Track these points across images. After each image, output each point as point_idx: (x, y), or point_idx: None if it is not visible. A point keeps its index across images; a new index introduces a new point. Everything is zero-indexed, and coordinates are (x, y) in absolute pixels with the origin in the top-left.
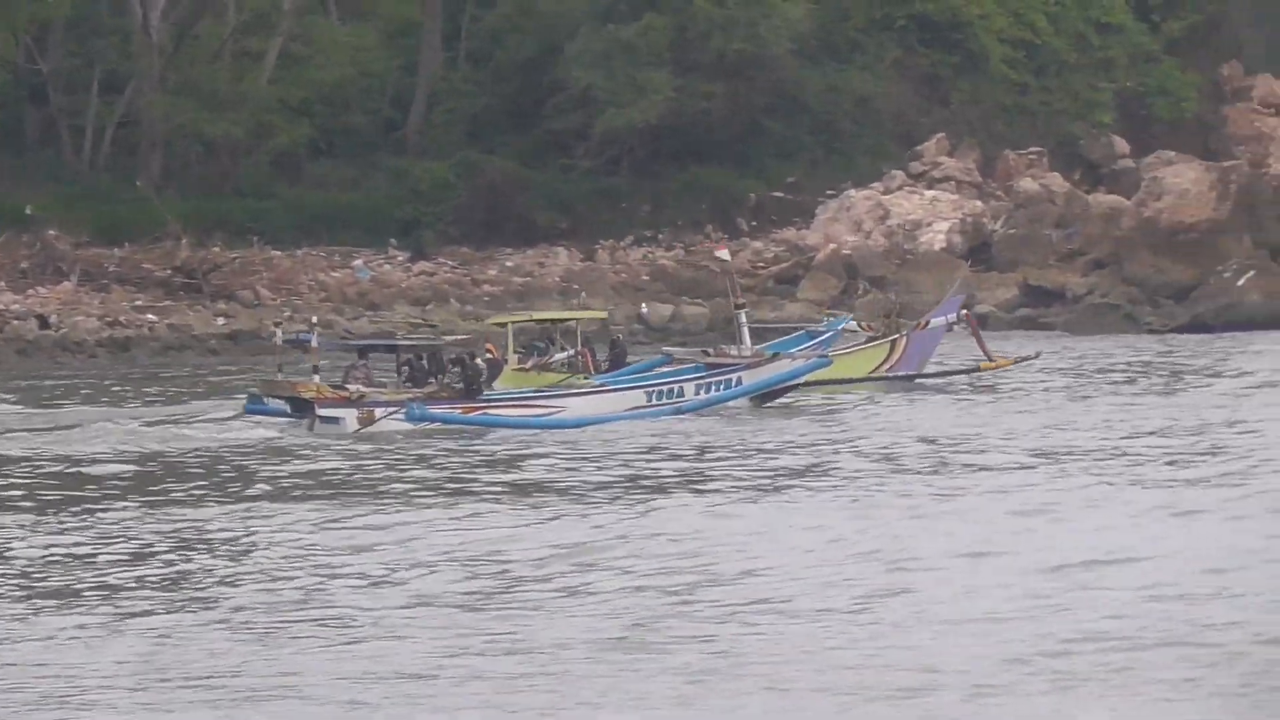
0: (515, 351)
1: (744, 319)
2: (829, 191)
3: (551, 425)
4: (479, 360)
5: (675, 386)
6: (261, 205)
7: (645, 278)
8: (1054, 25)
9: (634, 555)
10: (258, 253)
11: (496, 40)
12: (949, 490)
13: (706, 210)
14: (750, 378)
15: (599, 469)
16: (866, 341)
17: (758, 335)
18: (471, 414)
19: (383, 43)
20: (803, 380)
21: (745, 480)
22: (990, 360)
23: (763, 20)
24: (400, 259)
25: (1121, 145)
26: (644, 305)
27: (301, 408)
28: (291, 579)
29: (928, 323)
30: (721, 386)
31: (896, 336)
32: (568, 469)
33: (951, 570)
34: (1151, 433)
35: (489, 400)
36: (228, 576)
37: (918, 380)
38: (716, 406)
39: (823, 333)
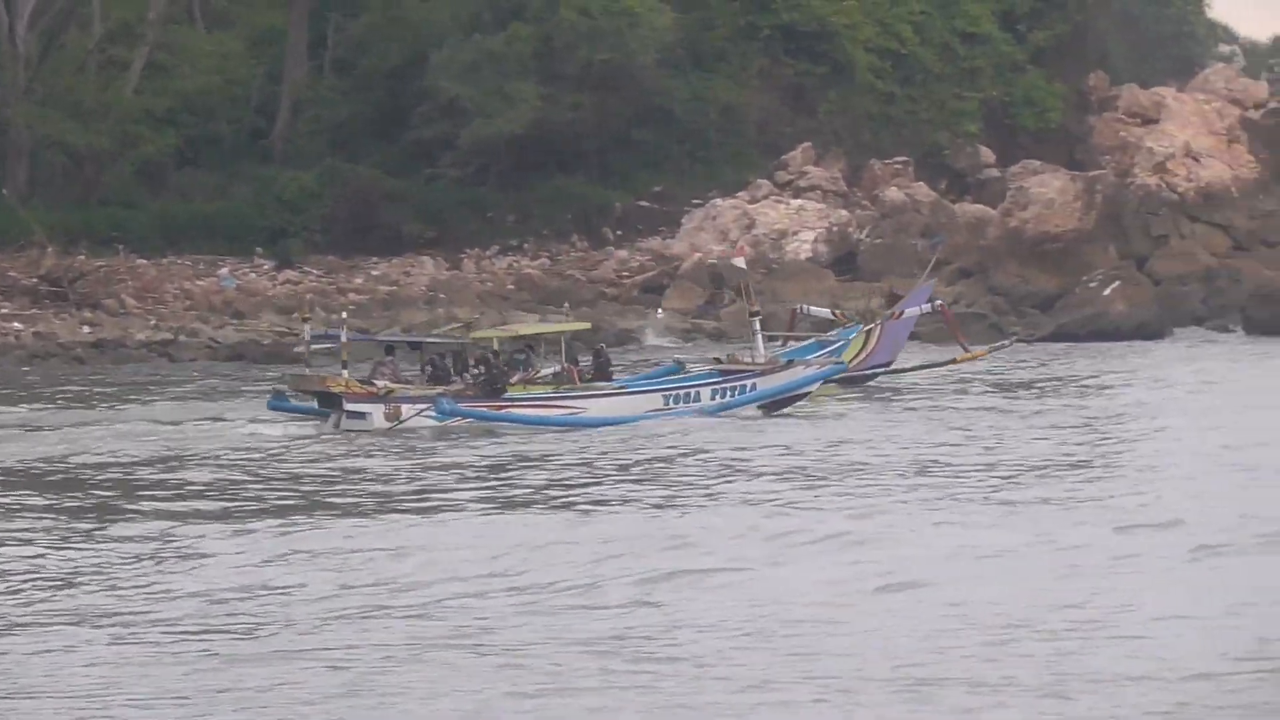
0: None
1: (759, 326)
2: (695, 201)
3: (577, 424)
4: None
5: (692, 391)
6: (127, 214)
7: (511, 287)
8: (920, 35)
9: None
10: (123, 261)
11: (362, 49)
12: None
13: (572, 220)
14: (765, 384)
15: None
16: (846, 330)
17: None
18: (500, 411)
19: (248, 51)
20: (816, 386)
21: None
22: (966, 351)
23: (628, 30)
24: (266, 268)
25: (987, 155)
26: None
27: (329, 402)
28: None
29: (902, 313)
30: (737, 392)
31: (872, 326)
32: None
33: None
34: (990, 447)
35: (512, 400)
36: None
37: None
38: (734, 410)
39: (834, 341)
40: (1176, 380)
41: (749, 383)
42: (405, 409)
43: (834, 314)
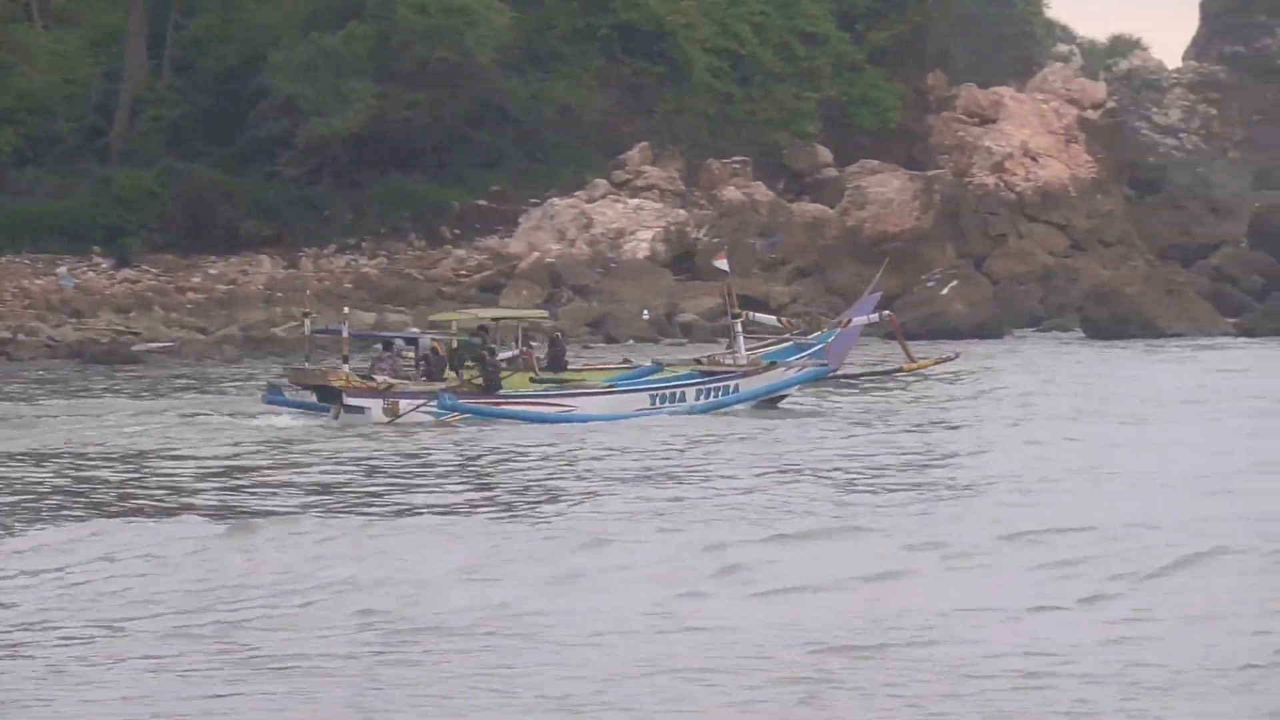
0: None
1: (739, 328)
2: (533, 200)
3: (570, 421)
4: (500, 355)
5: (678, 391)
6: None
7: (349, 285)
8: (759, 35)
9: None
10: None
11: (200, 48)
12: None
13: (410, 219)
14: (748, 385)
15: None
16: (792, 336)
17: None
18: (498, 408)
19: (87, 50)
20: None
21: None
22: (912, 361)
23: (466, 29)
24: (104, 267)
25: (825, 154)
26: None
27: (328, 396)
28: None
29: (849, 321)
30: (721, 393)
31: (819, 331)
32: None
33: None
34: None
35: (505, 398)
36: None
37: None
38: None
39: (812, 344)
40: (1017, 384)
41: (732, 384)
42: (403, 404)
43: (780, 321)
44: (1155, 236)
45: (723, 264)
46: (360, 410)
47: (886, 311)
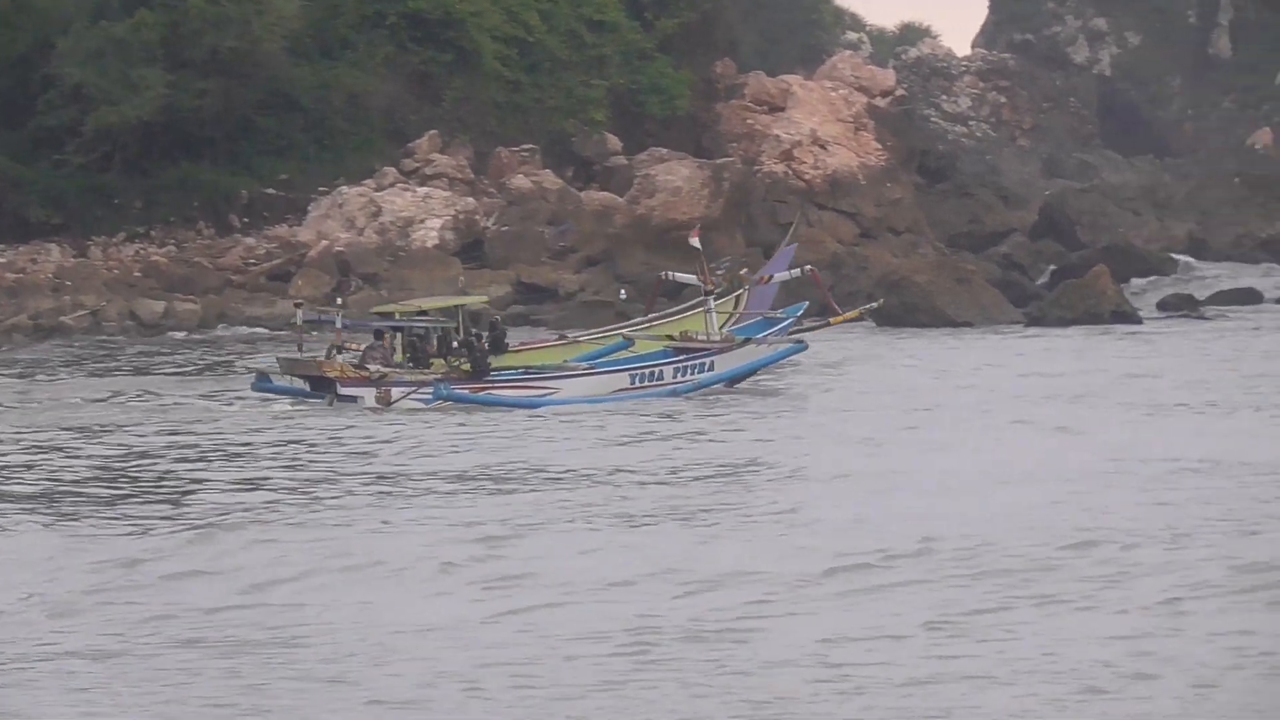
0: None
1: (713, 304)
2: (321, 189)
3: (564, 404)
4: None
5: (656, 370)
6: None
7: (138, 274)
8: (547, 23)
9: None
10: None
11: None
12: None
13: (199, 207)
14: (726, 362)
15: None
16: (713, 294)
17: None
18: (492, 395)
19: None
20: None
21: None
22: (838, 314)
23: (256, 17)
24: None
25: (614, 142)
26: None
27: (321, 386)
28: None
29: (770, 277)
30: (697, 370)
31: (739, 291)
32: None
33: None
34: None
35: (493, 381)
36: None
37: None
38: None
39: (781, 319)
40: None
41: (707, 361)
42: (395, 392)
43: (699, 278)
44: (945, 224)
45: (696, 241)
46: (353, 399)
47: (808, 266)
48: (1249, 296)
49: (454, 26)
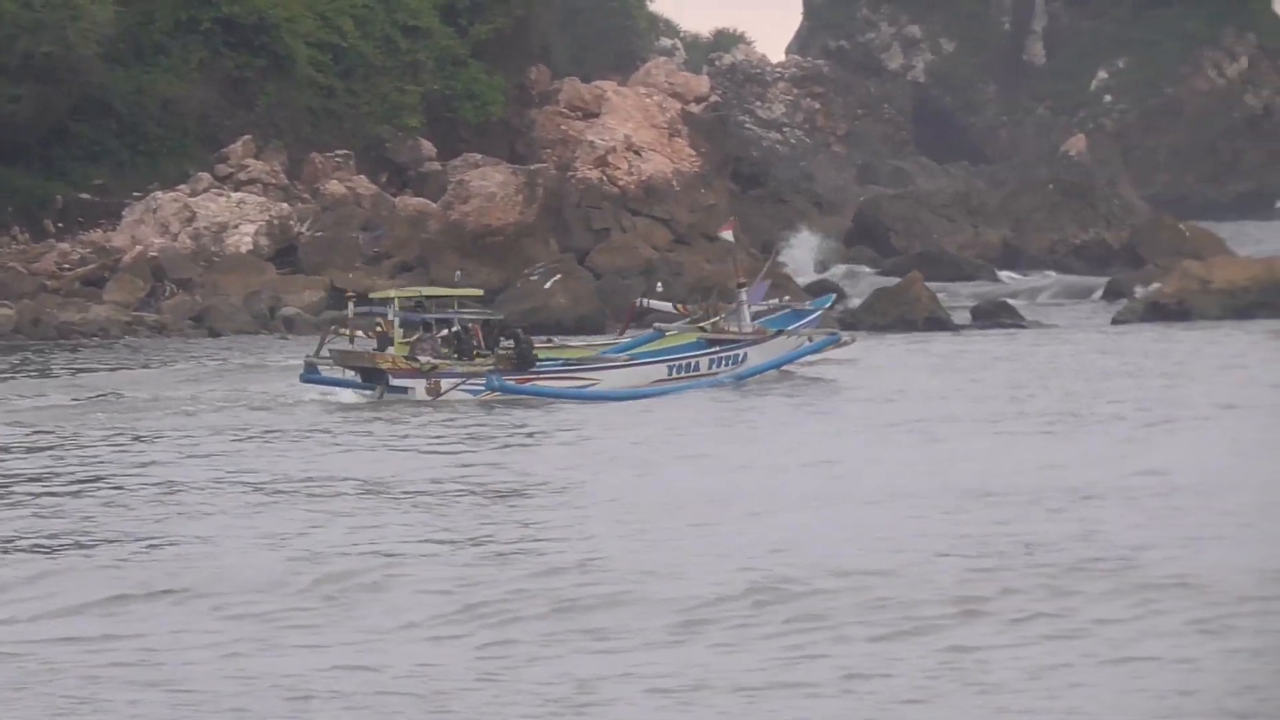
0: (400, 327)
1: (744, 297)
2: (136, 194)
3: (612, 398)
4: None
5: (692, 361)
6: None
7: None
8: (361, 29)
9: None
10: None
11: None
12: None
13: (13, 212)
14: (758, 354)
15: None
16: (689, 323)
17: None
18: (540, 386)
19: None
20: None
21: None
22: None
23: (70, 23)
24: None
25: (429, 148)
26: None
27: (373, 377)
28: None
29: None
30: (731, 362)
31: (717, 318)
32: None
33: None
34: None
35: (538, 373)
36: None
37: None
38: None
39: (810, 311)
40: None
41: (741, 353)
42: (445, 383)
43: (676, 307)
44: (759, 230)
45: (728, 235)
46: (404, 390)
47: (787, 298)
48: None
49: (268, 32)
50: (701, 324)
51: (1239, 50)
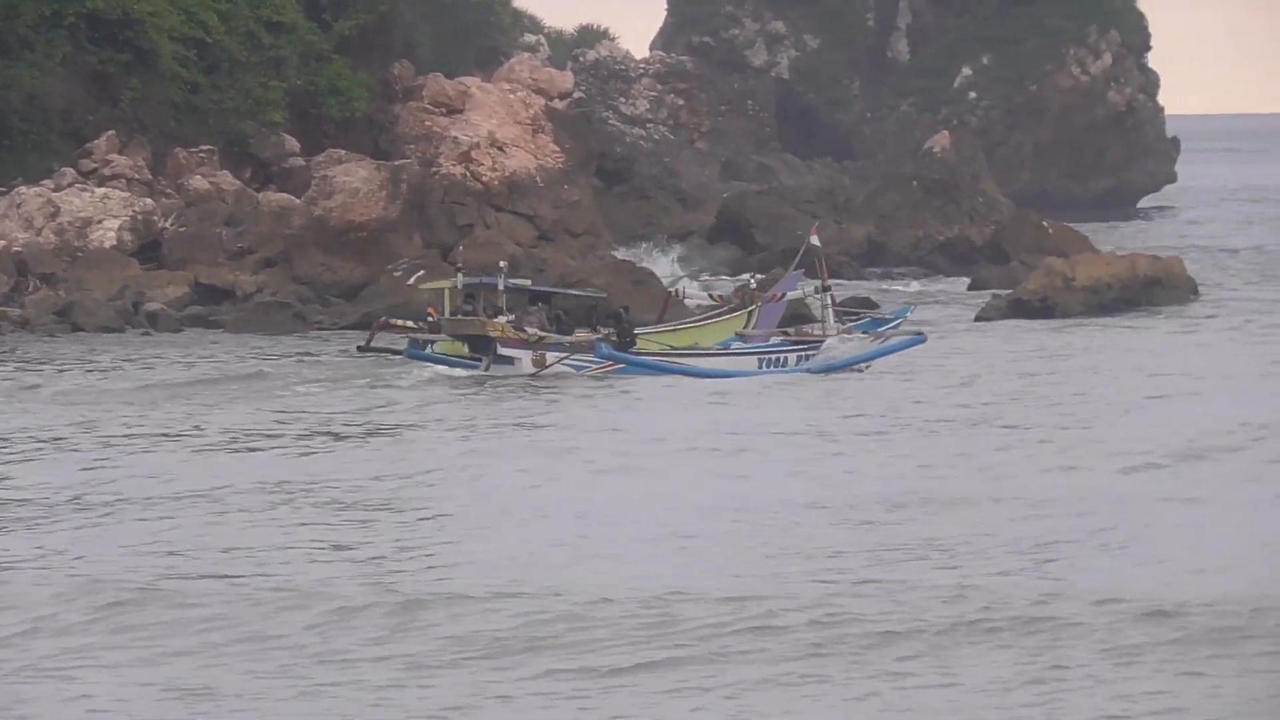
0: (451, 316)
1: (830, 300)
2: (0, 189)
3: (713, 375)
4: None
5: (780, 356)
6: None
7: None
8: (226, 24)
9: None
10: None
11: None
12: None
13: None
14: (847, 350)
15: None
16: (727, 311)
17: None
18: (660, 362)
19: None
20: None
21: None
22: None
23: None
24: None
25: (292, 144)
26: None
27: (482, 346)
28: None
29: (782, 295)
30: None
31: (752, 307)
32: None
33: None
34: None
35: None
36: None
37: None
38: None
39: (890, 319)
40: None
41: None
42: (549, 356)
43: (711, 296)
44: (623, 227)
45: (815, 239)
46: (510, 361)
47: (819, 283)
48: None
49: (132, 26)
50: (737, 312)
51: (1103, 47)
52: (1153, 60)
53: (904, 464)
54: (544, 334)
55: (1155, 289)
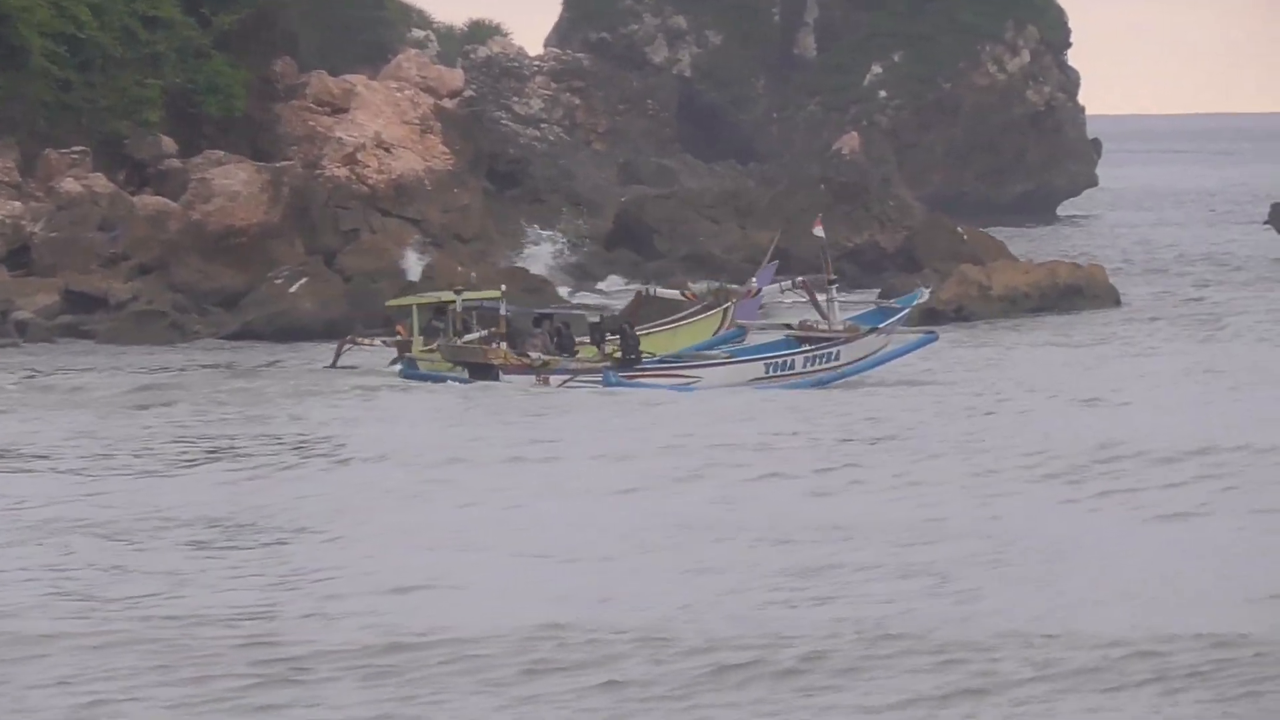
0: (420, 333)
1: (834, 294)
2: None
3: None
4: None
5: (788, 359)
6: None
7: None
8: (99, 19)
9: None
10: None
11: None
12: None
13: None
14: (854, 351)
15: None
16: (700, 310)
17: None
18: (664, 380)
19: None
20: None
21: None
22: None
23: None
24: None
25: (169, 144)
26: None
27: (482, 373)
28: None
29: (758, 289)
30: (824, 359)
31: (727, 304)
32: None
33: None
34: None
35: (642, 369)
36: None
37: None
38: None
39: (898, 309)
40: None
41: (834, 350)
42: (553, 380)
43: (682, 294)
44: (515, 232)
45: (819, 231)
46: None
47: (799, 278)
48: None
49: (1, 23)
50: (712, 309)
51: (1020, 44)
52: (1073, 58)
53: (798, 486)
54: (548, 358)
55: (1076, 298)
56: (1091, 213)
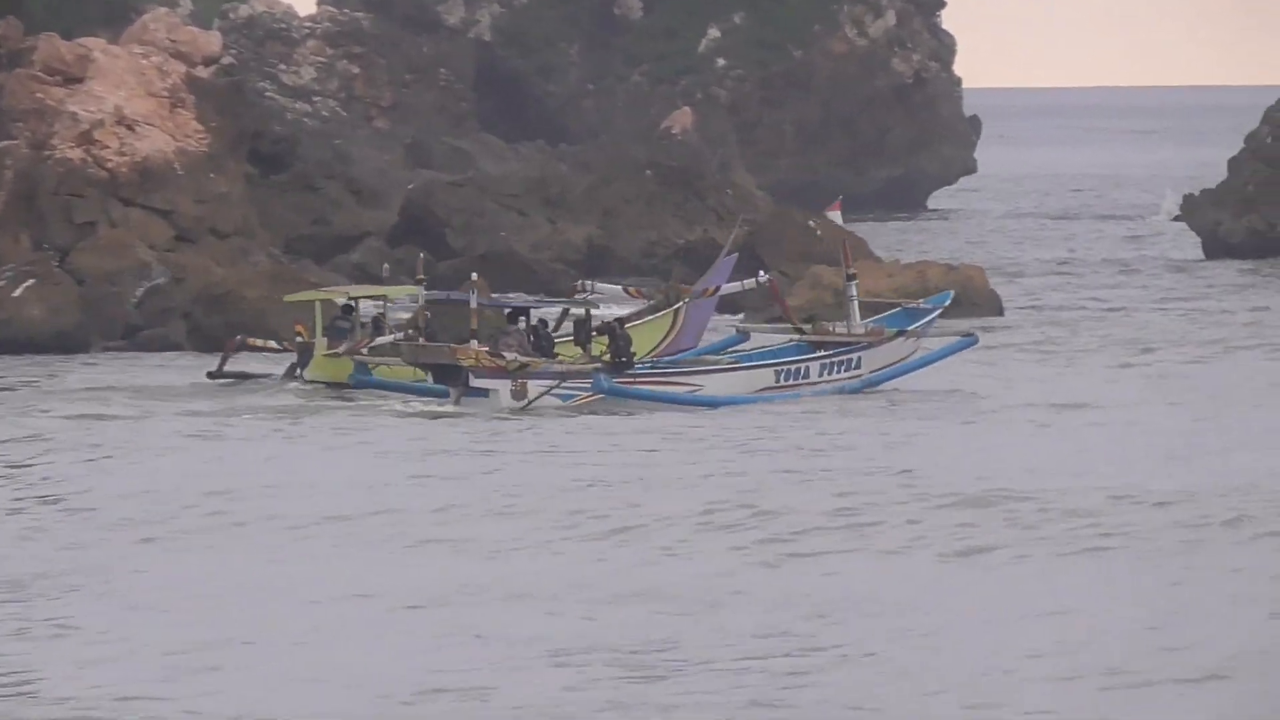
0: (324, 335)
1: (854, 291)
2: None
3: (725, 404)
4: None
5: (802, 366)
6: None
7: None
8: None
9: None
10: None
11: None
12: None
13: None
14: (877, 358)
15: None
16: (648, 311)
17: None
18: (659, 390)
19: None
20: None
21: None
22: (797, 327)
23: None
24: None
25: None
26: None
27: (448, 376)
28: None
29: (716, 289)
30: (843, 367)
31: (679, 305)
32: None
33: None
34: None
35: (637, 375)
36: None
37: None
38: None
39: (926, 310)
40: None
41: (854, 356)
42: (532, 386)
43: (627, 290)
44: (283, 225)
45: (836, 215)
46: (483, 393)
47: (765, 276)
48: None
49: None
50: (662, 310)
51: (884, 4)
52: (946, 21)
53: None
54: (525, 359)
55: (951, 305)
56: (969, 204)
